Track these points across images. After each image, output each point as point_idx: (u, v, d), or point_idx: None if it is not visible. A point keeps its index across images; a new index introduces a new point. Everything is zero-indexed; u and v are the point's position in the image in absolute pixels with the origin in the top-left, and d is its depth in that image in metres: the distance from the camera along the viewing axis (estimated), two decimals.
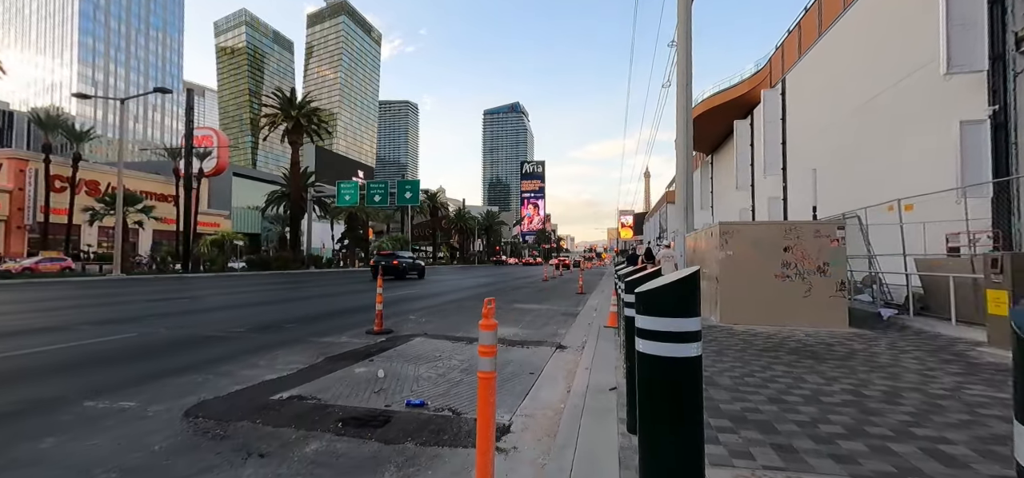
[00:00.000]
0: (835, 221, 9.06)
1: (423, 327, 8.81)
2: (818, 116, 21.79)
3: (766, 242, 8.43)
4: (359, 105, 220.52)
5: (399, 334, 7.89)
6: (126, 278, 22.00)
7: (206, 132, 58.24)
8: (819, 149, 21.14)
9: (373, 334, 7.81)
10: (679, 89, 14.67)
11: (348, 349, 6.56)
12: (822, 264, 8.18)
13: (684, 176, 14.43)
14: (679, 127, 14.59)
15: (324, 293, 16.65)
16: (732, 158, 33.57)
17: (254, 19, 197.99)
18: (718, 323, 8.55)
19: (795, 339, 7.04)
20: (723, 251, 8.57)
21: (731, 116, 33.71)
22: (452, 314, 11.02)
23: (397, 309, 11.59)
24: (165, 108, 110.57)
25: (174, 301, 13.05)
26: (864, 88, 17.62)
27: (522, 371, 5.52)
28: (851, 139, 18.38)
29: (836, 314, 8.08)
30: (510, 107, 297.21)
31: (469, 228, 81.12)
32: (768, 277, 8.35)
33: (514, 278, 31.16)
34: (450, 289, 19.24)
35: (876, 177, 15.64)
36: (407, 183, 35.51)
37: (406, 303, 13.20)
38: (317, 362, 5.78)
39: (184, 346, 6.73)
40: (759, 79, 30.86)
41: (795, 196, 24.79)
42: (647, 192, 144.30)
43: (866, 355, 5.86)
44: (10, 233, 41.96)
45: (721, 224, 8.70)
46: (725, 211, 37.91)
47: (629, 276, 3.71)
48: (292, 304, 12.73)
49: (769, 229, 8.71)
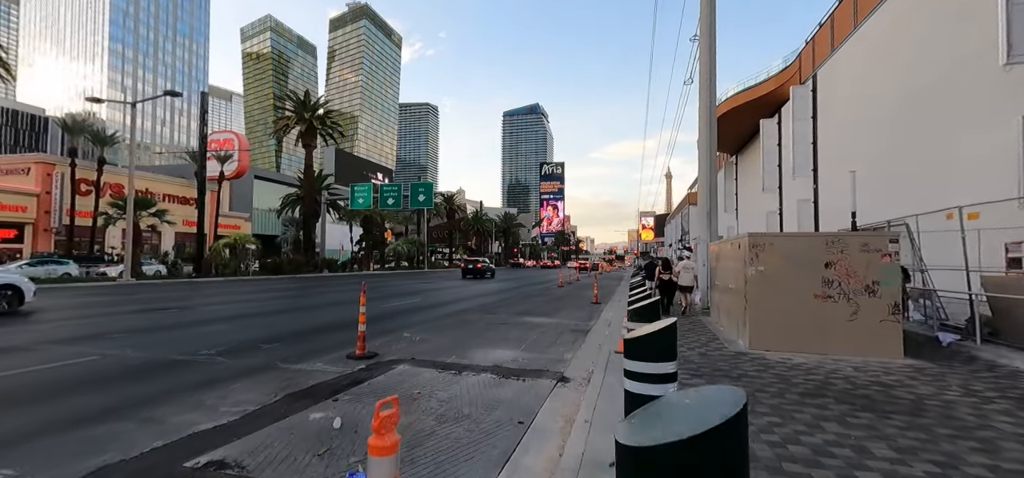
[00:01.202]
0: (885, 233, 7.87)
1: (413, 349, 7.94)
2: (854, 114, 20.27)
3: (804, 257, 7.30)
4: (380, 108, 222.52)
5: (383, 359, 7.03)
6: (135, 284, 21.81)
7: (227, 135, 58.89)
8: (855, 149, 19.63)
9: (354, 358, 6.97)
10: (701, 85, 13.55)
11: (317, 381, 5.72)
12: (871, 283, 7.01)
13: (706, 178, 13.28)
14: (701, 126, 13.45)
15: (328, 301, 15.99)
16: (758, 159, 31.98)
17: (279, 25, 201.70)
18: (747, 349, 7.45)
19: (842, 375, 5.92)
20: (753, 266, 7.46)
21: (757, 115, 32.14)
22: (451, 330, 10.15)
23: (395, 323, 10.77)
24: (191, 112, 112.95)
25: (165, 312, 12.50)
26: (908, 83, 16.15)
27: (510, 418, 4.58)
28: (892, 139, 16.90)
29: (888, 342, 6.91)
30: (529, 108, 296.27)
31: (486, 230, 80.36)
32: (806, 297, 7.22)
33: (529, 283, 30.17)
34: (458, 298, 18.39)
35: (922, 180, 14.21)
36: (420, 185, 34.89)
37: (405, 316, 12.38)
38: (273, 401, 4.95)
39: (134, 375, 5.98)
40: (788, 75, 29.29)
41: (827, 199, 23.25)
42: (668, 194, 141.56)
43: (939, 406, 4.73)
44: (37, 235, 42.84)
45: (751, 236, 7.60)
46: (750, 214, 36.23)
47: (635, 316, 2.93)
48: (287, 316, 12.03)
49: (808, 242, 7.57)
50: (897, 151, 16.26)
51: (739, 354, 7.18)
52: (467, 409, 4.82)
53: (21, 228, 41.86)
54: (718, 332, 9.32)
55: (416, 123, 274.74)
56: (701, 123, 13.48)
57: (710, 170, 13.41)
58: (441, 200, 69.13)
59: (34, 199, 42.35)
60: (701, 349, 7.60)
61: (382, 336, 9.10)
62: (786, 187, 28.93)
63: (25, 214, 41.61)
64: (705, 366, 6.37)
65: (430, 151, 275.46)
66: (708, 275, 12.94)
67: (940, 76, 14.23)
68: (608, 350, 7.42)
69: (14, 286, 11.29)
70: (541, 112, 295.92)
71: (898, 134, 16.32)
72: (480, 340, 8.95)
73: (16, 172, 43.78)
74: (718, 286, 10.73)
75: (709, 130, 13.20)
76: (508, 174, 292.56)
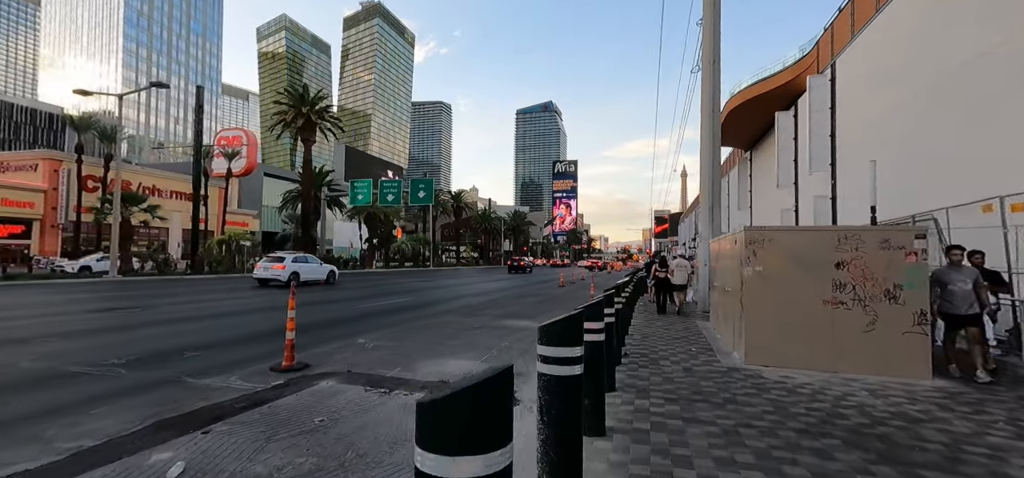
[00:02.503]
0: (910, 227, 6.65)
1: (357, 358, 6.95)
2: (875, 103, 18.77)
3: (811, 255, 6.13)
4: (392, 106, 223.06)
5: (311, 372, 6.05)
6: (120, 280, 21.29)
7: (236, 132, 58.80)
8: (876, 140, 18.14)
9: (279, 370, 6.01)
10: (705, 65, 12.35)
11: (209, 403, 4.76)
12: (892, 286, 5.82)
13: (709, 167, 12.07)
14: (704, 110, 12.24)
15: (308, 301, 15.13)
16: (773, 154, 30.41)
17: (293, 24, 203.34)
18: (741, 364, 6.30)
19: (855, 401, 4.76)
20: (750, 266, 6.31)
21: (772, 108, 30.56)
22: (417, 334, 9.16)
23: (359, 327, 9.81)
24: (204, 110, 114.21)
25: (123, 312, 11.73)
26: (936, 66, 14.66)
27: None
28: (920, 126, 15.40)
29: (914, 359, 5.70)
30: (543, 106, 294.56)
31: (494, 228, 79.29)
32: (813, 303, 6.05)
33: (530, 282, 29.14)
34: (448, 297, 17.43)
35: (955, 170, 12.75)
36: (421, 182, 34.04)
37: (377, 318, 11.42)
38: (130, 432, 3.98)
39: (8, 390, 5.09)
40: (804, 65, 27.69)
41: (846, 195, 21.75)
42: (683, 192, 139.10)
43: (984, 455, 3.56)
44: (45, 232, 43.07)
45: (747, 230, 6.44)
46: (765, 212, 34.61)
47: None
48: (249, 317, 11.17)
49: (815, 238, 6.38)
50: (926, 138, 14.78)
51: (731, 371, 6.04)
52: (366, 446, 3.80)
53: (29, 224, 42.08)
54: (714, 341, 8.17)
55: (429, 122, 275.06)
56: (703, 107, 12.28)
57: (713, 159, 12.20)
58: (449, 197, 68.31)
59: (41, 195, 42.50)
60: (688, 363, 6.47)
61: (335, 342, 8.15)
62: (802, 183, 27.39)
63: (33, 210, 41.76)
64: (684, 388, 5.25)
65: (443, 149, 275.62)
66: (709, 276, 11.75)
67: (974, 55, 12.76)
68: None
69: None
70: (554, 109, 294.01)
71: (928, 120, 14.82)
72: (441, 348, 7.94)
73: (24, 168, 44.04)
74: (717, 288, 9.55)
75: (713, 116, 11.99)
76: (521, 172, 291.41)
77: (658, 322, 10.73)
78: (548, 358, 2.49)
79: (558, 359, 2.46)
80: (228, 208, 46.97)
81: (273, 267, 20.39)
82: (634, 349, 7.37)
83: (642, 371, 5.97)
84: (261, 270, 20.59)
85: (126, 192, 26.08)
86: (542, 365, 2.50)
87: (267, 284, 20.42)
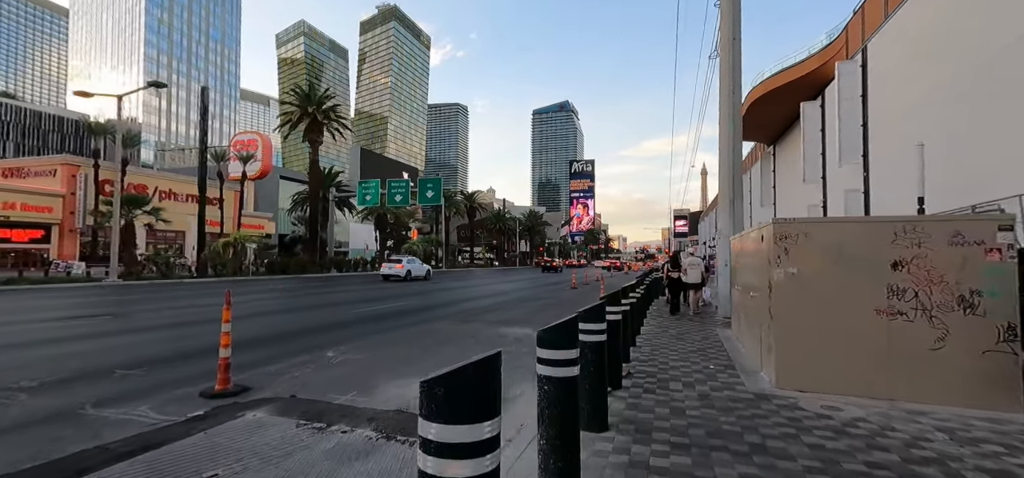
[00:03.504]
0: (989, 215, 5.35)
1: (314, 377, 5.96)
2: (913, 88, 17.13)
3: (859, 253, 4.89)
4: (409, 109, 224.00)
5: (249, 397, 5.06)
6: (120, 284, 20.85)
7: (251, 136, 59.01)
8: (916, 127, 16.49)
9: (208, 396, 5.03)
10: (723, 43, 11.06)
11: (89, 446, 3.77)
12: (968, 292, 4.55)
13: (729, 158, 10.79)
14: (723, 93, 10.96)
15: (294, 305, 14.30)
16: (798, 148, 28.68)
17: (312, 29, 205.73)
18: (771, 389, 5.08)
19: (934, 450, 3.54)
20: (781, 267, 5.09)
21: (797, 99, 28.80)
22: (390, 346, 8.15)
23: (333, 337, 8.83)
24: (223, 115, 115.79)
25: (91, 320, 10.99)
26: (990, 38, 13.03)
27: None
28: (975, 105, 13.74)
29: (1000, 387, 4.43)
30: (559, 106, 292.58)
31: (508, 229, 78.10)
32: (863, 313, 4.81)
33: (540, 284, 28.00)
34: (447, 301, 16.42)
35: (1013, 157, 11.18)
36: (429, 181, 33.19)
37: (358, 326, 10.45)
38: None
39: None
40: (832, 51, 25.94)
41: (881, 188, 20.08)
42: (704, 190, 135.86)
43: None
44: (63, 236, 43.57)
45: (777, 224, 5.23)
46: (790, 209, 32.78)
47: None
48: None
49: (864, 231, 5.12)
50: (982, 118, 13.14)
51: (759, 398, 4.83)
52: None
53: (48, 229, 42.61)
54: (737, 354, 6.94)
55: (446, 124, 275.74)
56: (722, 89, 10.99)
57: (733, 148, 10.91)
58: (462, 198, 67.47)
59: (60, 200, 42.96)
60: (704, 386, 5.28)
61: (302, 355, 7.19)
62: (831, 176, 25.68)
63: (51, 215, 42.23)
64: (698, 425, 4.07)
65: (460, 151, 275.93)
66: (730, 277, 10.47)
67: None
68: None
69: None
70: (571, 109, 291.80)
71: (984, 97, 13.16)
72: (416, 363, 6.89)
73: (44, 174, 44.63)
74: (740, 291, 8.30)
75: (731, 97, 10.71)
76: (538, 172, 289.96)
77: (672, 329, 9.51)
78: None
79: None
80: (244, 211, 46.97)
81: (395, 267, 27.69)
82: (641, 366, 6.20)
83: (646, 398, 4.81)
84: (386, 268, 27.91)
85: (128, 195, 25.81)
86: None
87: (389, 279, 26.77)
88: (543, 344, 2.81)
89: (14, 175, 46.23)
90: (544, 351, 2.80)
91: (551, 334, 2.80)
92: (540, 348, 2.81)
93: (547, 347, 2.79)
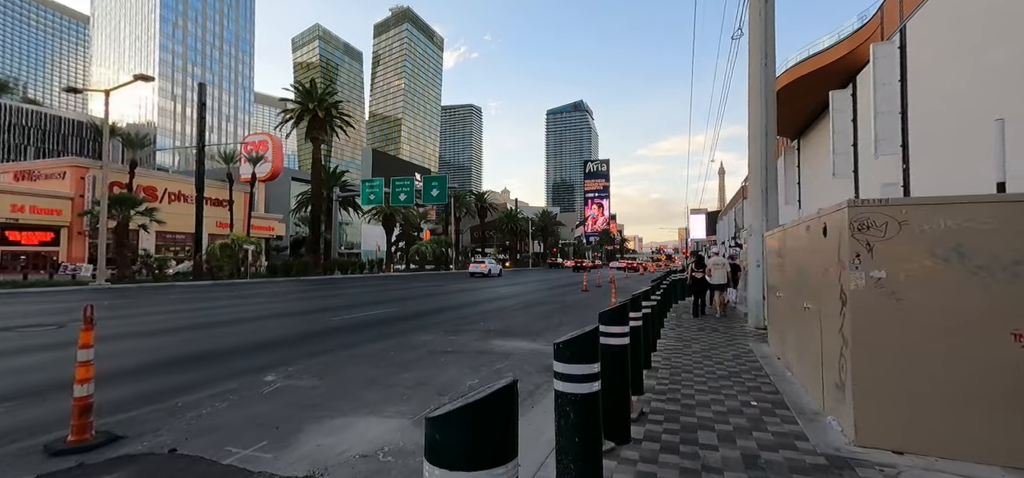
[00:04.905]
0: None
1: (228, 415, 4.58)
2: (964, 66, 15.24)
3: (990, 247, 3.29)
4: (422, 110, 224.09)
5: (113, 452, 3.71)
6: (108, 288, 19.90)
7: (261, 137, 58.64)
8: (966, 111, 14.65)
9: (56, 451, 3.66)
10: (753, 8, 9.45)
11: None
12: None
13: (761, 144, 9.17)
14: (753, 66, 9.33)
15: (284, 311, 13.05)
16: (825, 141, 26.65)
17: (326, 33, 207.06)
18: (850, 448, 3.51)
19: None
20: (861, 270, 3.52)
21: (824, 88, 26.77)
22: (349, 366, 6.76)
23: (294, 352, 7.50)
24: (237, 118, 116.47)
25: (27, 331, 9.83)
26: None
27: None
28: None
29: None
30: (573, 106, 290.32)
31: (520, 229, 76.59)
32: (997, 337, 3.21)
33: (550, 286, 26.50)
34: (442, 307, 15.05)
35: None
36: (434, 179, 31.94)
37: (329, 337, 9.09)
38: None
39: None
40: (865, 34, 23.93)
41: (922, 180, 18.17)
42: (721, 189, 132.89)
43: None
44: (72, 238, 43.43)
45: (853, 207, 3.64)
46: (817, 207, 30.76)
47: None
48: (168, 339, 9.04)
49: (1002, 215, 3.45)
50: None
51: (836, 465, 3.27)
52: None
53: (58, 231, 42.50)
54: (783, 381, 5.37)
55: (460, 125, 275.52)
56: (752, 62, 9.35)
57: (765, 133, 9.29)
58: (472, 198, 66.20)
59: (68, 202, 42.82)
60: (749, 438, 3.73)
61: (238, 378, 5.88)
62: (863, 170, 23.70)
63: (60, 217, 42.10)
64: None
65: (474, 152, 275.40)
66: (763, 278, 8.84)
67: None
68: None
69: None
70: (585, 109, 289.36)
71: None
72: (366, 394, 5.44)
73: (53, 176, 44.59)
74: (782, 300, 6.69)
75: (763, 71, 9.08)
76: (552, 173, 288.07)
77: (695, 344, 7.93)
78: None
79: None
80: (255, 212, 46.41)
81: (480, 266, 34.07)
82: (657, 402, 4.66)
83: (665, 470, 3.27)
84: (474, 266, 34.54)
85: (119, 195, 24.99)
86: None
87: (475, 276, 32.65)
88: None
89: (25, 178, 46.34)
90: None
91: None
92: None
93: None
